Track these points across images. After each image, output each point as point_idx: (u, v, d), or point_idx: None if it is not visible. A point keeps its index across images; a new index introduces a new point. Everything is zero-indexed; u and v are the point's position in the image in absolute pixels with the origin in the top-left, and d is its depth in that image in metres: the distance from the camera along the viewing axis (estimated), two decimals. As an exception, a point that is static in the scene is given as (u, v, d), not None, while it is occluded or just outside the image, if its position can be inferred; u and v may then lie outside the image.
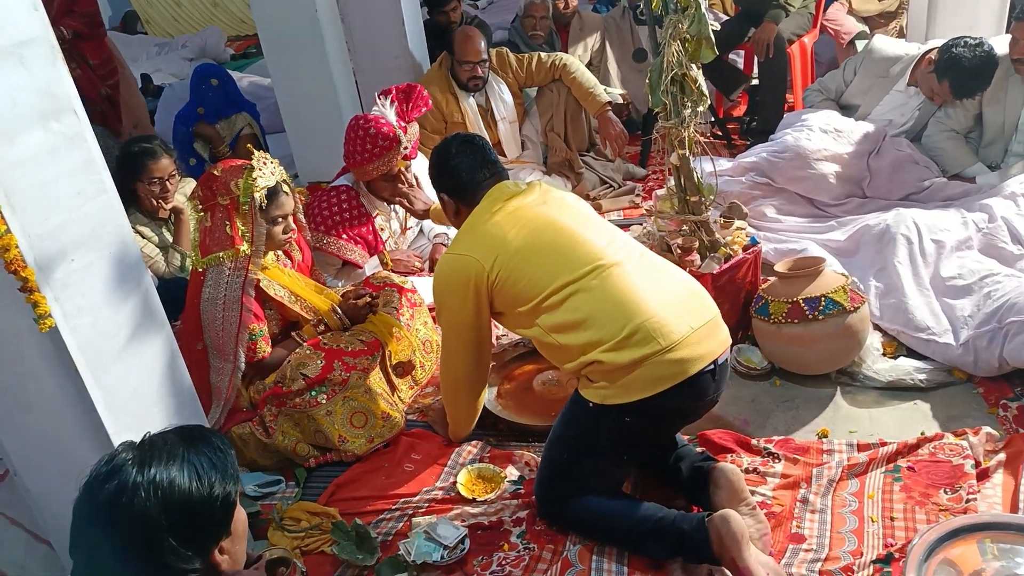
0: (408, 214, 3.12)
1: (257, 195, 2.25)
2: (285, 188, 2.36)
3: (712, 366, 1.82)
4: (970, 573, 1.62)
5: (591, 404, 1.84)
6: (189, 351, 2.23)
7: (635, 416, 1.81)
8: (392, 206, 3.03)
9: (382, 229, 3.00)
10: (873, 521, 1.86)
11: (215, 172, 2.29)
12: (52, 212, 1.66)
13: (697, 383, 1.80)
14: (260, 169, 2.27)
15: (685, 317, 1.81)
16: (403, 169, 2.87)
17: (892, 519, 1.86)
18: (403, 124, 2.84)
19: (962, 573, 1.63)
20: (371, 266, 2.97)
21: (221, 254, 2.27)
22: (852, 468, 2.01)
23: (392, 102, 2.84)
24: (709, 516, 1.72)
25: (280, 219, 2.35)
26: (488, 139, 3.80)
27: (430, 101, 3.67)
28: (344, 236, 2.88)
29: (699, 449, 2.07)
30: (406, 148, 2.84)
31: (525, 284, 1.89)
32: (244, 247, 2.27)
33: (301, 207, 2.58)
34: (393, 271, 2.94)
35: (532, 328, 1.92)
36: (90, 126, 1.74)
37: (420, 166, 3.31)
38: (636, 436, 1.86)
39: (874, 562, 1.74)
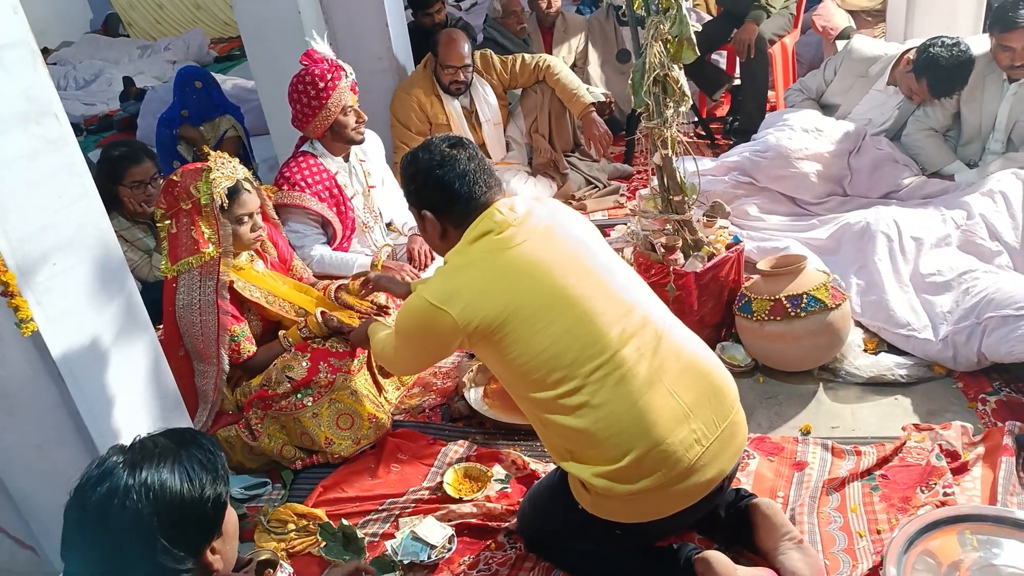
0: (369, 173, 3.09)
1: (217, 196, 2.24)
2: (247, 186, 2.34)
3: (721, 483, 1.68)
4: (949, 564, 1.64)
5: (578, 505, 1.70)
6: (172, 356, 2.23)
7: (626, 528, 1.69)
8: (350, 163, 3.02)
9: (345, 185, 2.98)
10: (861, 536, 1.84)
11: (175, 178, 2.29)
12: (33, 215, 1.66)
13: (701, 501, 1.67)
14: (218, 169, 2.25)
15: (699, 429, 1.62)
16: (355, 102, 2.86)
17: (879, 532, 1.83)
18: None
19: (941, 564, 1.65)
20: (359, 264, 2.94)
21: (191, 259, 2.26)
22: (831, 483, 1.99)
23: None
24: (698, 554, 1.68)
25: (245, 218, 2.33)
26: (473, 141, 3.84)
27: (413, 102, 3.71)
28: (307, 192, 2.86)
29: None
30: (350, 77, 2.82)
31: (516, 354, 1.62)
32: (210, 250, 2.26)
33: (270, 203, 2.57)
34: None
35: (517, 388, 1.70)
36: (71, 130, 1.74)
37: (374, 146, 3.27)
38: (629, 539, 1.74)
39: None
